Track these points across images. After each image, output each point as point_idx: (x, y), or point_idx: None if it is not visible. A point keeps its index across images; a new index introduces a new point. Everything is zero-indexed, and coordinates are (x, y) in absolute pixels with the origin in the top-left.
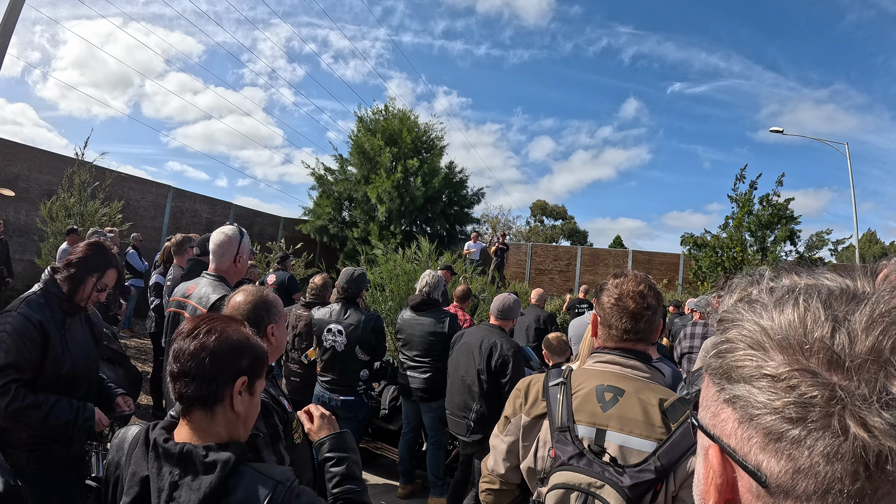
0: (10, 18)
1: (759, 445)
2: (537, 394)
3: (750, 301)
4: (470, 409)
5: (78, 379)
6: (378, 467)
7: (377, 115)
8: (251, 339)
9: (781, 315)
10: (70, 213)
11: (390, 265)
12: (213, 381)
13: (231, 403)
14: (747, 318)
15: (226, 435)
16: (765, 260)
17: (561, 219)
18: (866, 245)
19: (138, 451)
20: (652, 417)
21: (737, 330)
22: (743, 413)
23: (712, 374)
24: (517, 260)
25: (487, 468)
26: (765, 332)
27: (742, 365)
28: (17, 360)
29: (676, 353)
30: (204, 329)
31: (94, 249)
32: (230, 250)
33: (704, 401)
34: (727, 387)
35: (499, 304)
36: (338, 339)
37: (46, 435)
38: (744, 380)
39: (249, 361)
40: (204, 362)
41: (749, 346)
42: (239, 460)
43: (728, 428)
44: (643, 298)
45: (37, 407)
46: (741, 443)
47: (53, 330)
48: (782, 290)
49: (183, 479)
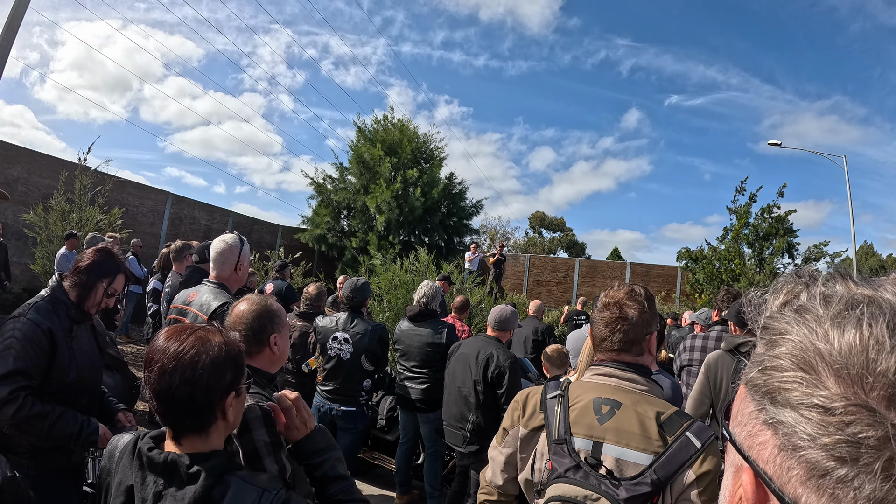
0: (13, 22)
1: (800, 479)
2: (535, 406)
3: (800, 309)
4: (466, 419)
5: (83, 387)
6: (375, 477)
7: (377, 125)
8: (225, 349)
9: (842, 337)
10: (65, 218)
11: (389, 275)
12: (204, 409)
13: (224, 416)
14: (798, 333)
15: (219, 443)
16: (762, 272)
17: (559, 231)
18: (863, 257)
19: (125, 459)
20: (649, 430)
21: (787, 346)
22: (785, 441)
23: (753, 389)
24: (515, 271)
25: (486, 479)
26: (819, 354)
27: (789, 388)
28: (26, 367)
29: (676, 365)
30: (178, 362)
31: (103, 255)
32: (231, 258)
33: (740, 416)
34: (769, 408)
35: (496, 315)
36: (344, 348)
37: (47, 445)
38: (790, 405)
39: (232, 374)
40: (193, 397)
41: (799, 367)
42: (225, 469)
43: (767, 454)
44: (620, 307)
45: (43, 417)
46: (780, 471)
47: (61, 338)
48: (841, 304)
49: (167, 490)
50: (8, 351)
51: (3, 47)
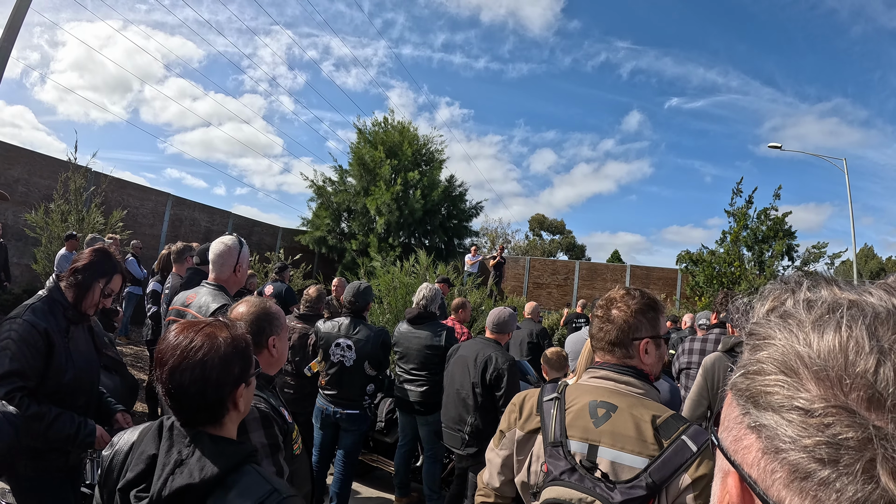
0: (14, 22)
1: (783, 482)
2: (532, 408)
3: (784, 314)
4: (465, 422)
5: (80, 388)
6: (374, 479)
7: (377, 127)
8: (232, 343)
9: (821, 340)
10: (65, 219)
11: (388, 277)
12: (216, 403)
13: (235, 406)
14: (781, 338)
15: (233, 430)
16: (762, 275)
17: (559, 233)
18: (863, 260)
19: (150, 434)
20: (644, 434)
21: (768, 350)
22: (768, 444)
23: (737, 394)
24: (515, 274)
25: (483, 481)
26: (800, 357)
27: (771, 391)
28: (22, 368)
29: (675, 368)
30: (188, 361)
31: (100, 255)
32: (230, 260)
33: (727, 421)
34: (753, 412)
35: (494, 317)
36: (346, 354)
37: (44, 446)
38: (772, 408)
39: (240, 367)
40: (205, 393)
41: (781, 370)
42: (244, 460)
43: (751, 457)
44: (608, 308)
45: (40, 418)
46: (764, 474)
47: (58, 338)
48: (822, 308)
49: (190, 458)
50: (4, 352)
51: (4, 48)
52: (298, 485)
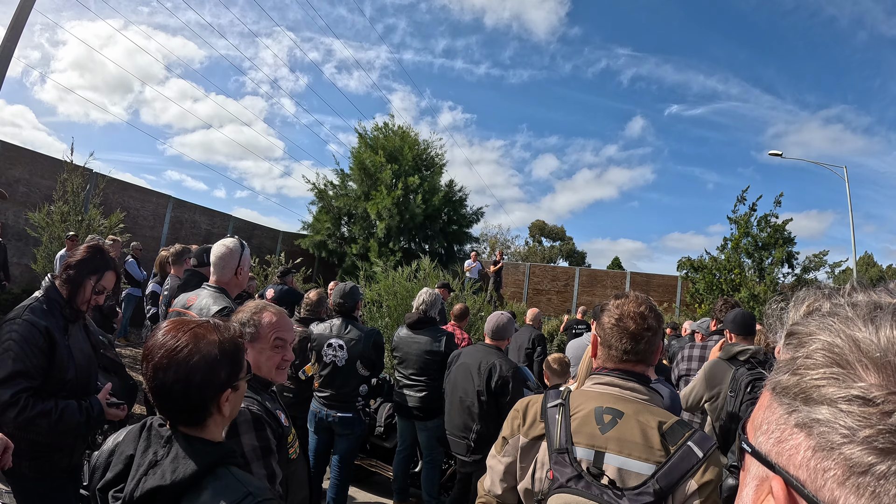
0: (17, 22)
1: (838, 479)
2: (535, 415)
3: (827, 314)
4: (470, 429)
5: (81, 386)
6: (372, 485)
7: (377, 132)
8: (219, 346)
9: (878, 332)
10: (66, 219)
11: (388, 282)
12: (199, 406)
13: (220, 411)
14: (831, 333)
15: (216, 433)
16: (762, 282)
17: (559, 239)
18: (863, 268)
19: (131, 433)
20: (651, 440)
21: (817, 345)
22: (821, 440)
23: (782, 393)
24: (515, 280)
25: (484, 488)
26: (857, 346)
27: (824, 384)
28: (26, 368)
29: (674, 374)
30: (172, 360)
31: (92, 252)
32: (231, 263)
33: (766, 424)
34: (803, 408)
35: (492, 324)
36: (338, 354)
37: (52, 442)
38: (827, 401)
39: (227, 371)
40: (187, 395)
41: (835, 362)
42: (219, 462)
43: (798, 458)
44: (643, 319)
45: (47, 414)
46: (813, 475)
47: (59, 336)
48: (868, 307)
49: (164, 460)
50: (7, 354)
51: (7, 48)
52: (295, 489)
